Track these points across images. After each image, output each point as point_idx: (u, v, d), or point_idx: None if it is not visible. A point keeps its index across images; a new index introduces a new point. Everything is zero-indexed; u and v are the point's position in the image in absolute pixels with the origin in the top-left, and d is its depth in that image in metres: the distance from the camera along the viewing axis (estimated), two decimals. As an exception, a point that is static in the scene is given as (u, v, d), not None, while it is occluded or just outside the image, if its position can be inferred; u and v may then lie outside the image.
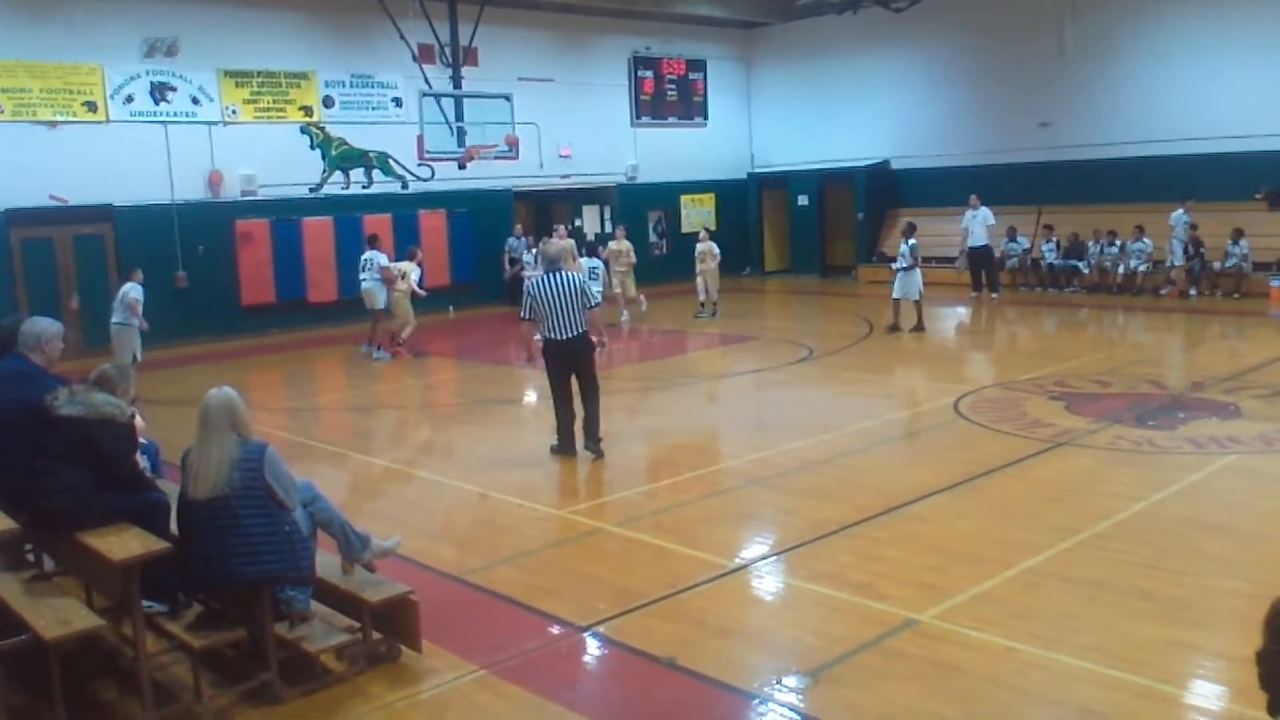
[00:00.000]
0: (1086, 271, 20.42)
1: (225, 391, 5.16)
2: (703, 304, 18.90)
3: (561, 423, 9.38)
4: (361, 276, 16.35)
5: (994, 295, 20.09)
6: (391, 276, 15.85)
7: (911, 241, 16.13)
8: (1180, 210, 18.62)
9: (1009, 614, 5.66)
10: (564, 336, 8.98)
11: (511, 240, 21.09)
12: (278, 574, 4.99)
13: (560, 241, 16.98)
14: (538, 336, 9.27)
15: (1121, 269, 19.87)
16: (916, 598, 5.94)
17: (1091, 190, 21.00)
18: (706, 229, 20.55)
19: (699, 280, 18.91)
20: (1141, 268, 19.68)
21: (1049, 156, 21.57)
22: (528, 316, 9.11)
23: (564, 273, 9.13)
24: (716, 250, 18.93)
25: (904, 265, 16.11)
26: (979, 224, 20.11)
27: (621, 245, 19.11)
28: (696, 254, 19.03)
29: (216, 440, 4.99)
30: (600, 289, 9.49)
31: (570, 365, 9.15)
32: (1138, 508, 7.38)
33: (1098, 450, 9.02)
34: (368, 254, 16.31)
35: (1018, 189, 21.80)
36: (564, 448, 9.40)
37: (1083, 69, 21.13)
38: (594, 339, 9.23)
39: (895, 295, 16.25)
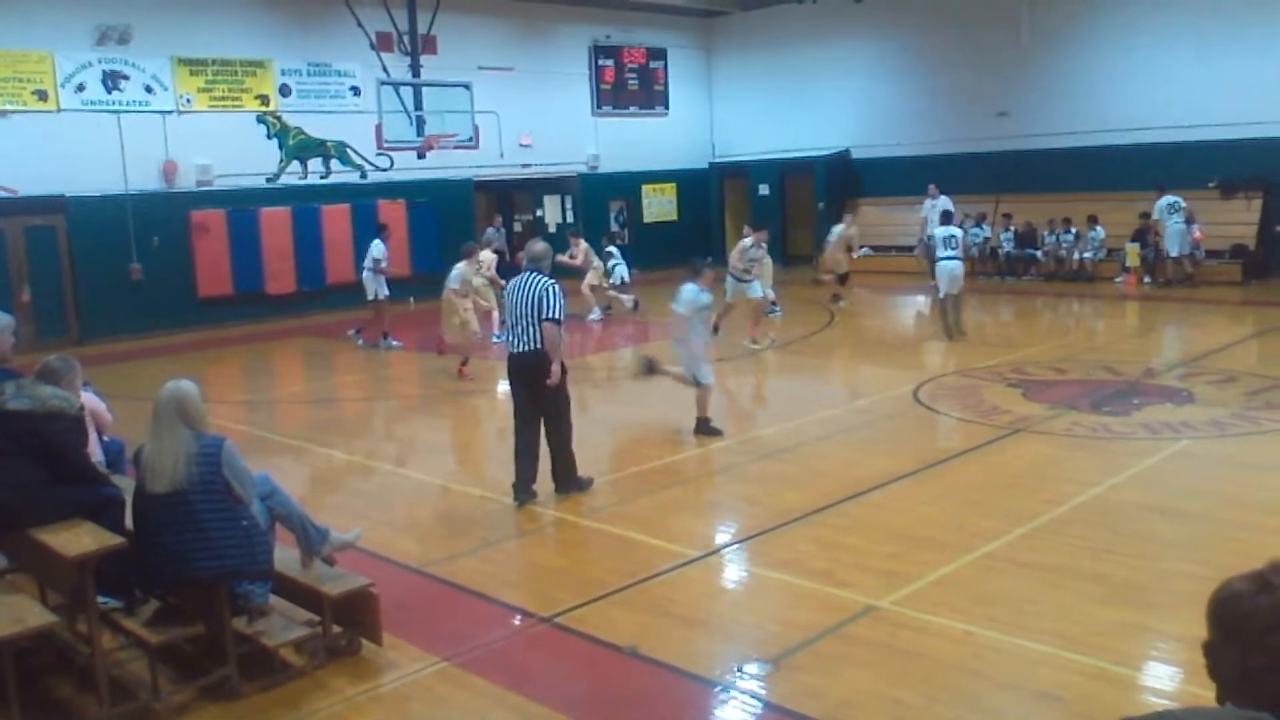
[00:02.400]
0: (1043, 260, 20.64)
1: (178, 385, 5.08)
2: (774, 303, 16.77)
3: (517, 456, 7.83)
4: (365, 265, 16.02)
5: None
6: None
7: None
8: (1166, 198, 18.56)
9: (968, 599, 5.72)
10: (518, 349, 7.71)
11: (490, 231, 20.79)
12: (236, 569, 4.93)
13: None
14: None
15: (1076, 257, 20.11)
16: (877, 584, 5.98)
17: (1048, 179, 21.22)
18: (751, 224, 17.91)
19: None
20: (1088, 255, 19.92)
21: (1006, 146, 21.76)
22: (504, 318, 8.16)
23: (534, 274, 7.74)
24: (748, 244, 16.59)
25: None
26: (938, 213, 20.25)
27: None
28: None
29: (169, 434, 4.92)
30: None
31: (525, 385, 7.76)
32: (1094, 493, 7.48)
33: (1054, 436, 9.13)
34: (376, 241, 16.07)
35: (975, 178, 21.96)
36: (516, 488, 7.82)
37: (1040, 59, 21.33)
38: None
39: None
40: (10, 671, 4.57)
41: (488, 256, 16.74)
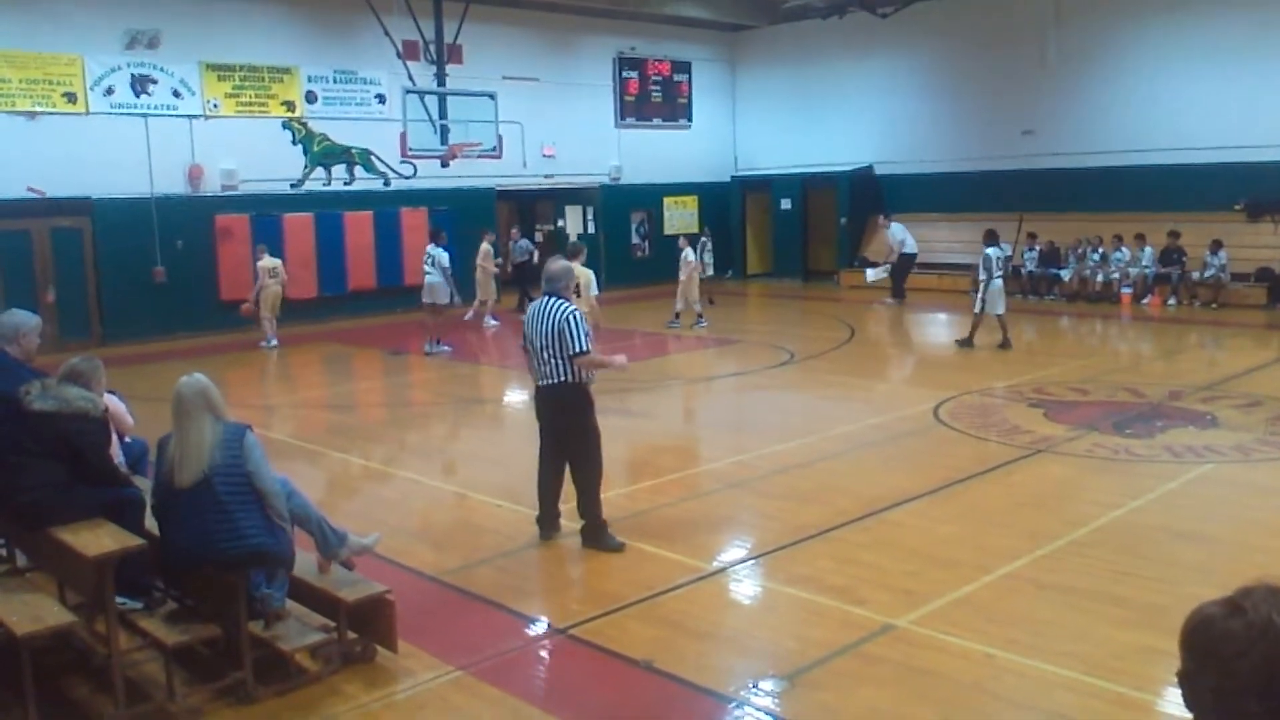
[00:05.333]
0: (1067, 279, 20.54)
1: (196, 378, 5.14)
2: (677, 314, 18.02)
3: (539, 489, 7.39)
4: (426, 270, 16.14)
5: (891, 301, 20.53)
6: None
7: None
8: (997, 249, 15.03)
9: (986, 619, 5.68)
10: (542, 381, 7.12)
11: (513, 245, 20.67)
12: (258, 550, 4.93)
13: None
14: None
15: (1100, 277, 20.01)
16: (894, 602, 5.94)
17: (1073, 198, 21.14)
18: (685, 235, 19.90)
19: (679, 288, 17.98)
20: (1114, 275, 19.83)
21: (1031, 164, 21.70)
22: (524, 344, 7.34)
23: (552, 300, 7.09)
24: (691, 257, 18.04)
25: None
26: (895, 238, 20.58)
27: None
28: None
29: (195, 426, 4.96)
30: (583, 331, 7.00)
31: (551, 420, 7.25)
32: (1115, 515, 7.41)
33: (1076, 457, 9.06)
34: (431, 249, 16.28)
35: (1000, 196, 21.90)
36: (540, 522, 7.39)
37: (1066, 78, 21.27)
38: (583, 381, 7.14)
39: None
40: (28, 669, 4.59)
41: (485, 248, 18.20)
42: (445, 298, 15.94)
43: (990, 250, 14.67)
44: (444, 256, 16.01)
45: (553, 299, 7.09)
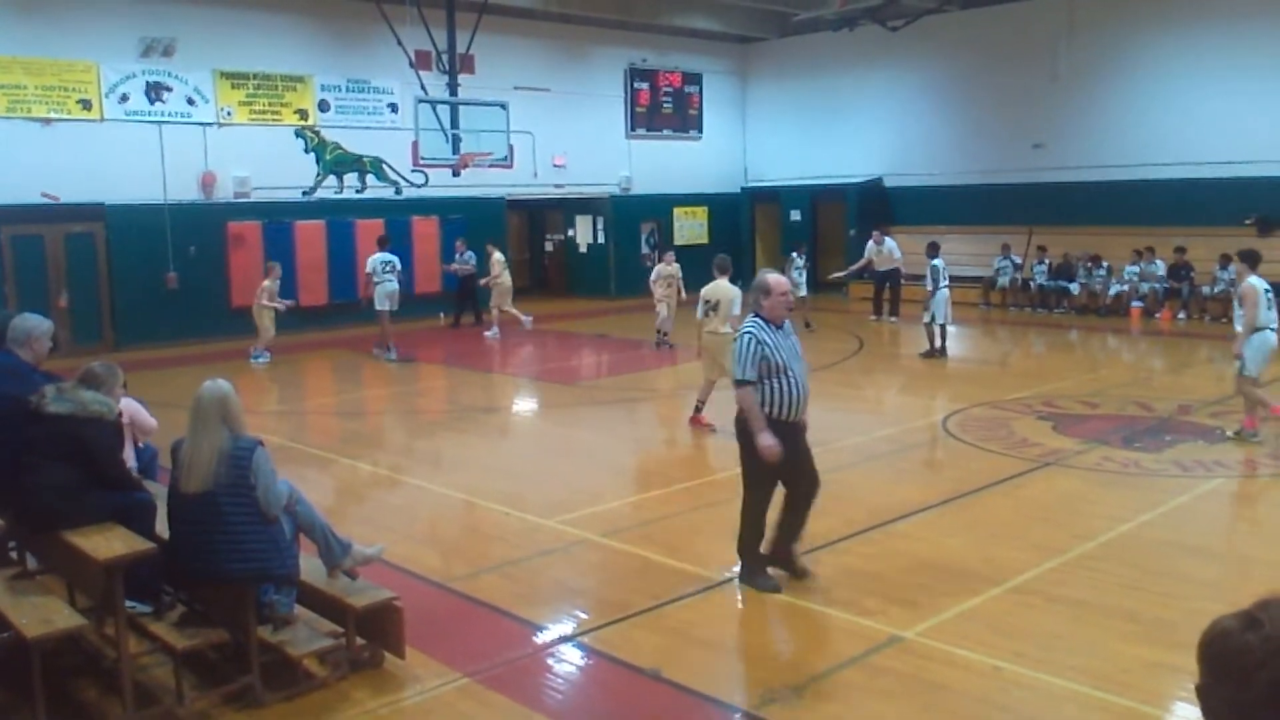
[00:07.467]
0: (1076, 293, 20.52)
1: (218, 384, 5.12)
2: (663, 333, 16.73)
3: None
4: (386, 277, 16.30)
5: (878, 317, 20.28)
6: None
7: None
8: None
9: (994, 632, 5.67)
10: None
11: (460, 257, 19.86)
12: (262, 571, 4.96)
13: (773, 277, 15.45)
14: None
15: (1111, 290, 19.98)
16: (902, 614, 5.93)
17: (1083, 212, 21.12)
18: (657, 248, 19.17)
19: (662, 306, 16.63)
20: (1125, 290, 19.80)
21: (1041, 178, 21.69)
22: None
23: (747, 318, 6.57)
24: (679, 273, 16.87)
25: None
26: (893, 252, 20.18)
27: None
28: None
29: (208, 433, 4.96)
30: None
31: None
32: (1124, 529, 7.40)
33: (1084, 471, 9.04)
34: (389, 255, 16.52)
35: (1010, 209, 21.89)
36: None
37: (1076, 92, 21.26)
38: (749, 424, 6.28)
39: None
40: (38, 671, 4.62)
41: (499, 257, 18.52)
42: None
43: (935, 261, 15.55)
44: (397, 261, 16.47)
45: (747, 318, 6.52)
